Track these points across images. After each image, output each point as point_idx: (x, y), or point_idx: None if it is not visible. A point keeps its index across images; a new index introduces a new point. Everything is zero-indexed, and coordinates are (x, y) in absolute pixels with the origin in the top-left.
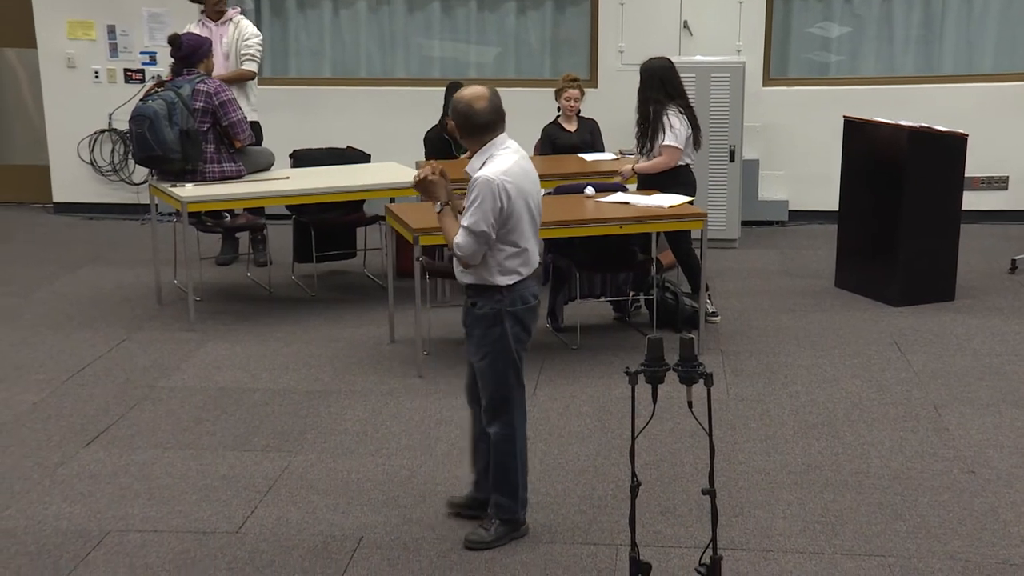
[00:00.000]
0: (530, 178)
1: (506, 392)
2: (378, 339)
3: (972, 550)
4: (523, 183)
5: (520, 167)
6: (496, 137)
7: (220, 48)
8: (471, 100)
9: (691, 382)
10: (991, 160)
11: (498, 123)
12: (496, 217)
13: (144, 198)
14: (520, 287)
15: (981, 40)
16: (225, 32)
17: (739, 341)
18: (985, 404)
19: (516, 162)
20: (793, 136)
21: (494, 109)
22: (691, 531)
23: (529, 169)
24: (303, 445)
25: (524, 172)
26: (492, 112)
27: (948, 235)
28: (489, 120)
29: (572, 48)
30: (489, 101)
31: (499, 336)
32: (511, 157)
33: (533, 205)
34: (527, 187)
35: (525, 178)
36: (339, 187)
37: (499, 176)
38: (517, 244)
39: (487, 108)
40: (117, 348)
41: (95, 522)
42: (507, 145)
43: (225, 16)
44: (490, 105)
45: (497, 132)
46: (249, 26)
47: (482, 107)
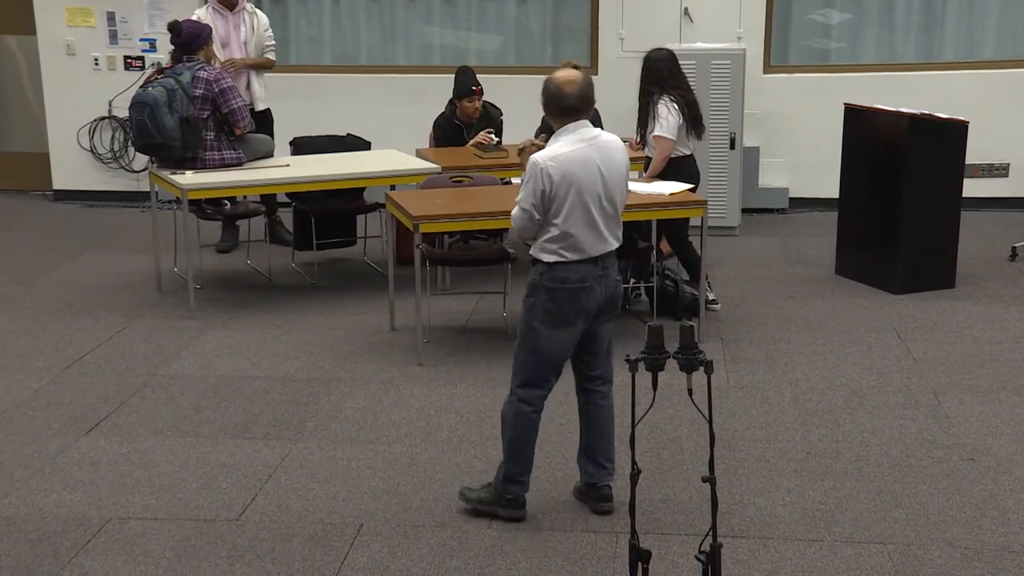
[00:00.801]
0: (588, 167)
1: (531, 364)
2: (378, 327)
3: (971, 537)
4: (573, 170)
5: (577, 155)
6: (573, 123)
7: (237, 37)
8: (561, 83)
9: (691, 370)
10: (992, 147)
11: (580, 110)
12: (538, 198)
13: (144, 185)
14: (562, 268)
15: (982, 27)
16: (241, 21)
17: (739, 329)
18: (985, 391)
19: (575, 150)
20: (794, 123)
21: (580, 96)
22: (691, 519)
23: (590, 158)
24: (303, 433)
25: (581, 160)
26: (575, 99)
27: (948, 223)
28: (570, 106)
29: (573, 35)
30: (578, 87)
31: (532, 306)
32: (573, 144)
33: (587, 194)
34: (579, 175)
35: (580, 166)
36: (339, 175)
37: (545, 161)
38: (560, 228)
39: (571, 93)
40: (117, 336)
41: (95, 510)
42: (578, 132)
43: (239, 5)
44: (577, 91)
45: (576, 118)
46: (264, 16)
47: (568, 91)
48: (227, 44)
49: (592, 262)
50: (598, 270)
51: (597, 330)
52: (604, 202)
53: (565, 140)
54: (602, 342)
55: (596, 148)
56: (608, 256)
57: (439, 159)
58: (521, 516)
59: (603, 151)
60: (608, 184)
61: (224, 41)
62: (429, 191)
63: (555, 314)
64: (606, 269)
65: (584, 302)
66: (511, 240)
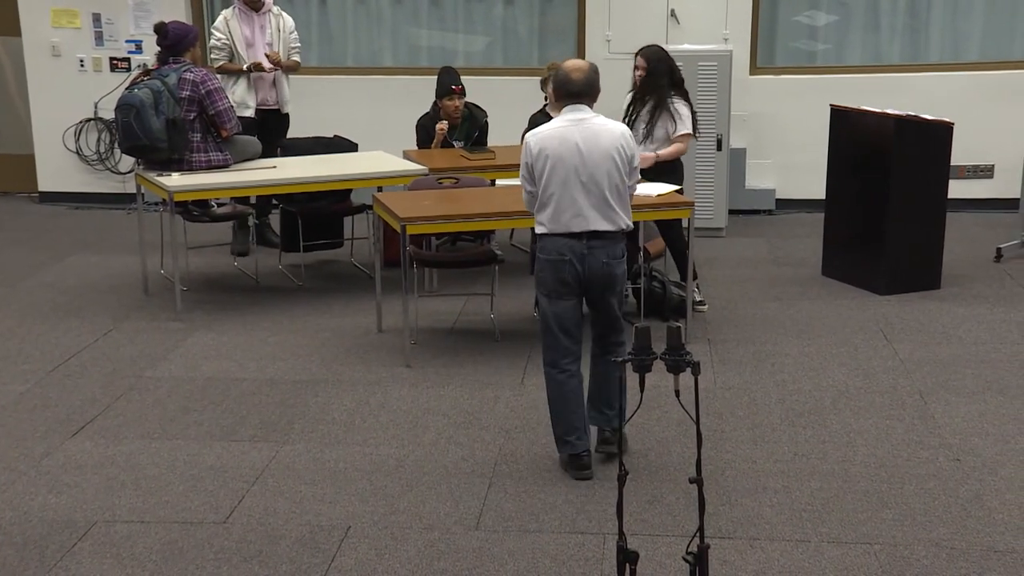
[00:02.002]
0: (566, 144)
1: (543, 331)
2: (366, 328)
3: (957, 537)
4: (550, 144)
5: (557, 132)
6: (571, 106)
7: (262, 38)
8: (569, 70)
9: (678, 371)
10: (977, 148)
11: (582, 95)
12: (527, 171)
13: (130, 187)
14: (548, 239)
15: (967, 29)
16: (267, 22)
17: (726, 330)
18: (970, 392)
19: (556, 127)
20: (780, 125)
21: (584, 82)
22: (678, 519)
23: (569, 136)
24: (290, 435)
25: (559, 136)
26: (579, 84)
27: (934, 223)
28: (573, 91)
29: (559, 36)
30: (584, 75)
31: (535, 277)
32: (557, 123)
33: (562, 168)
34: (555, 149)
35: (557, 141)
36: (327, 176)
37: (529, 136)
38: (540, 199)
39: (576, 80)
40: (103, 338)
41: (81, 513)
42: (569, 114)
43: (265, 7)
44: (582, 78)
45: (576, 102)
46: (289, 18)
47: (574, 78)
48: (252, 45)
49: (574, 237)
50: (581, 246)
51: (599, 303)
52: (582, 177)
53: (555, 120)
54: (608, 312)
55: (580, 128)
56: (596, 235)
57: (426, 160)
58: (586, 475)
59: (587, 131)
60: (587, 162)
61: (249, 42)
62: (416, 192)
63: (543, 283)
64: (591, 248)
65: (563, 275)
66: (498, 241)
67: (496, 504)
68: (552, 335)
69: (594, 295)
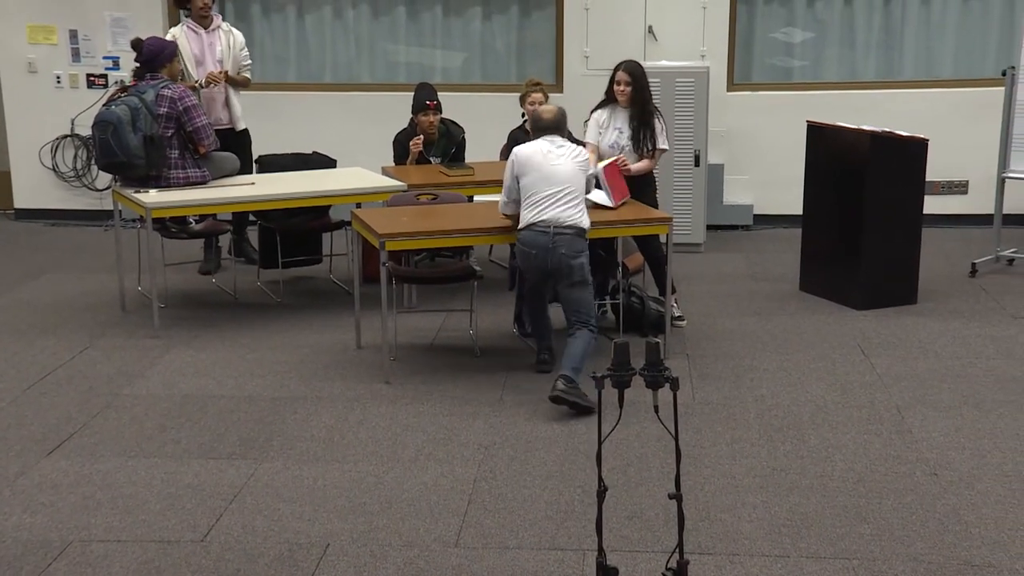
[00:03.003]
0: (540, 154)
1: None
2: (344, 345)
3: (935, 552)
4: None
5: (535, 147)
6: (548, 136)
7: (212, 55)
8: (542, 112)
9: (657, 386)
10: (951, 165)
11: (552, 130)
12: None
13: (107, 204)
14: (521, 232)
15: (940, 46)
16: (217, 40)
17: (705, 345)
18: (947, 407)
19: (535, 145)
20: (757, 141)
21: (552, 121)
22: (658, 535)
23: (534, 151)
24: (269, 452)
25: (537, 151)
26: (548, 122)
27: (910, 239)
28: (543, 126)
29: (537, 53)
30: (553, 115)
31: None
32: (536, 144)
33: (533, 174)
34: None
35: (534, 153)
36: (305, 192)
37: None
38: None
39: (547, 119)
40: (80, 355)
41: (57, 532)
42: (545, 138)
43: (214, 23)
44: (551, 118)
45: (550, 134)
46: (240, 34)
47: (545, 118)
48: (202, 62)
49: (535, 231)
50: (546, 240)
51: (562, 294)
52: (543, 182)
53: (534, 140)
54: (567, 303)
55: (553, 146)
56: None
57: (405, 177)
58: (545, 369)
59: (557, 149)
60: (544, 166)
61: (199, 59)
62: (395, 209)
63: (525, 270)
64: (556, 242)
65: (526, 264)
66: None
67: (476, 521)
68: (526, 304)
69: (562, 285)
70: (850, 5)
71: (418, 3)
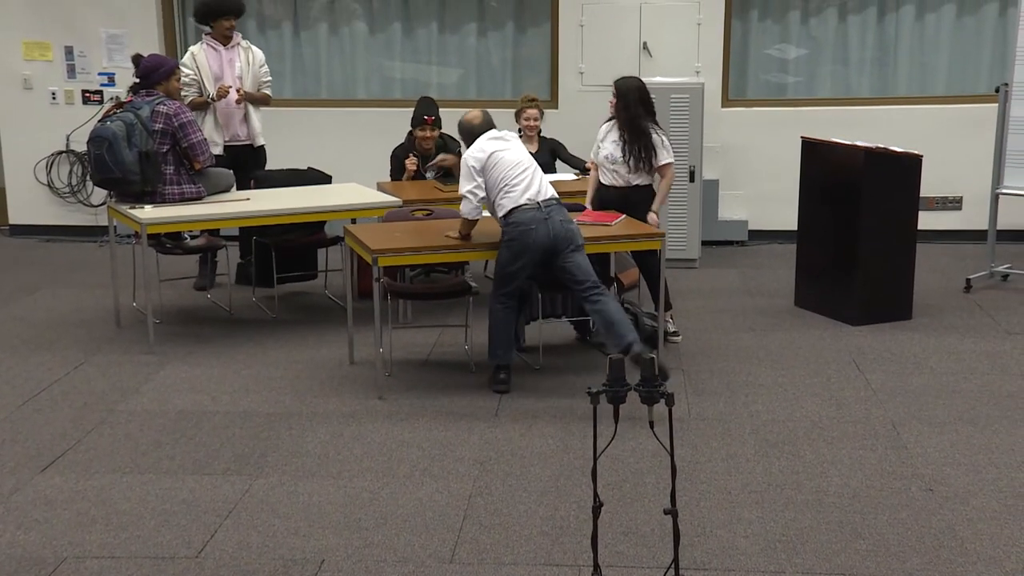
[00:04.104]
0: (496, 147)
1: None
2: (339, 361)
3: (930, 568)
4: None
5: (485, 143)
6: (485, 132)
7: (232, 72)
8: (470, 118)
9: (653, 402)
10: (945, 180)
11: (488, 127)
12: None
13: (102, 220)
14: (510, 216)
15: (934, 63)
16: (236, 56)
17: (700, 360)
18: (942, 422)
19: (486, 142)
20: (752, 156)
21: (485, 121)
22: (654, 551)
23: (489, 146)
24: (264, 468)
25: (491, 145)
26: (483, 124)
27: (904, 255)
28: (480, 129)
29: (533, 69)
30: (482, 117)
31: None
32: (488, 139)
33: (498, 165)
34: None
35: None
36: (300, 208)
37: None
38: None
39: (481, 122)
40: (75, 371)
41: (51, 549)
42: (489, 133)
43: (234, 40)
44: (483, 119)
45: (486, 131)
46: (259, 51)
47: (476, 123)
48: (220, 79)
49: (530, 209)
50: (541, 214)
51: (566, 265)
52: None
53: (482, 138)
54: (574, 271)
55: (500, 137)
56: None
57: (400, 192)
58: (503, 389)
59: (505, 138)
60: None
61: (217, 76)
62: (388, 224)
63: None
64: (550, 212)
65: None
66: (473, 273)
67: (471, 536)
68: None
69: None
70: (844, 22)
71: (414, 19)
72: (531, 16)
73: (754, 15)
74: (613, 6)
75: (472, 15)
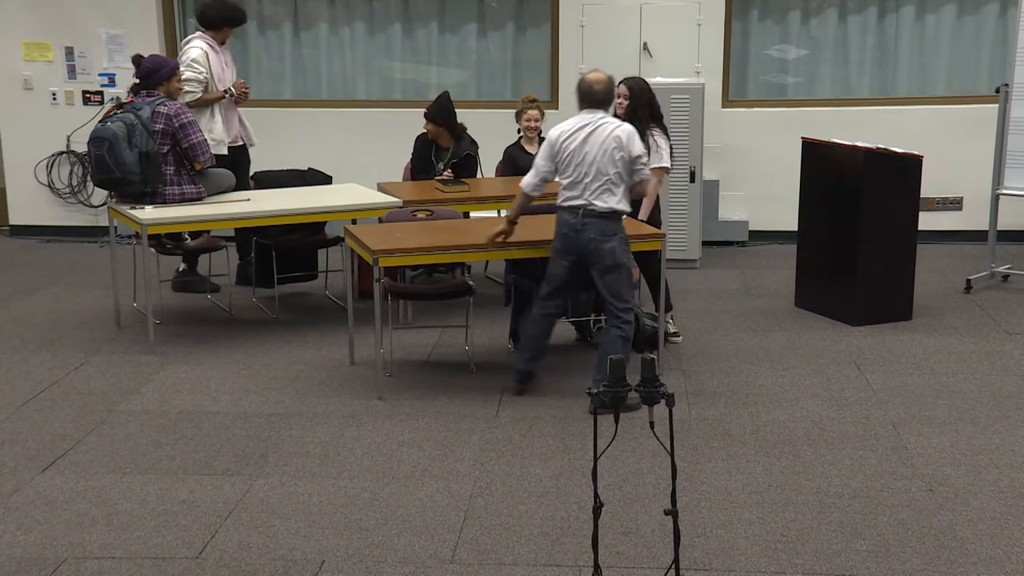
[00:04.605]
0: (573, 136)
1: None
2: (339, 361)
3: (931, 568)
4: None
5: (572, 124)
6: (590, 111)
7: (230, 72)
8: (591, 81)
9: (653, 402)
10: (945, 181)
11: (599, 103)
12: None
13: (103, 220)
14: (557, 211)
15: (933, 63)
16: (228, 57)
17: (700, 361)
18: (942, 422)
19: (574, 124)
20: (752, 157)
21: (603, 91)
22: (654, 552)
23: (572, 129)
24: (264, 468)
25: (572, 128)
26: (599, 93)
27: (905, 255)
28: (593, 99)
29: (533, 69)
30: (602, 86)
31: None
32: (574, 122)
33: (566, 156)
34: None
35: (564, 137)
36: (300, 209)
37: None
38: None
39: (597, 90)
40: (75, 372)
41: (51, 550)
42: (583, 116)
43: (226, 42)
44: (602, 88)
45: (592, 107)
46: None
47: (596, 88)
48: (222, 79)
49: (570, 212)
50: (577, 222)
51: (596, 281)
52: (576, 162)
53: (573, 119)
54: (600, 290)
55: (584, 131)
56: (586, 212)
57: (401, 193)
58: (518, 389)
59: (590, 133)
60: (579, 147)
61: (219, 76)
62: (388, 225)
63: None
64: (585, 225)
65: (558, 243)
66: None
67: (471, 537)
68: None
69: (593, 268)
70: (844, 22)
71: (414, 20)
72: (531, 16)
73: (754, 15)
74: (613, 7)
75: (472, 15)
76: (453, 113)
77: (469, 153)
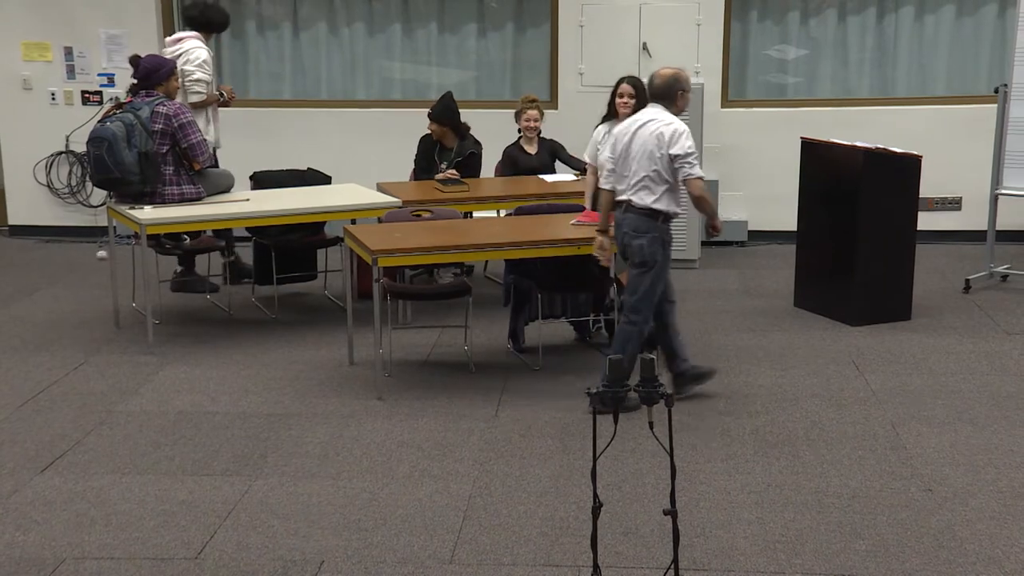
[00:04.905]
0: (627, 131)
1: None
2: (338, 361)
3: (930, 568)
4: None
5: (625, 124)
6: (650, 107)
7: (217, 71)
8: (653, 74)
9: (652, 402)
10: (944, 181)
11: (659, 97)
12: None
13: (102, 220)
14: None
15: (933, 64)
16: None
17: (700, 361)
18: (941, 422)
19: (625, 124)
20: (752, 157)
21: (662, 86)
22: (653, 552)
23: (629, 124)
24: (263, 469)
25: (624, 128)
26: (649, 87)
27: (904, 255)
28: (652, 93)
29: (533, 70)
30: (662, 80)
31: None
32: (627, 122)
33: (617, 150)
34: (618, 137)
35: (621, 131)
36: (300, 209)
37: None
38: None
39: (650, 83)
40: (74, 372)
41: (50, 550)
42: (639, 114)
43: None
44: (660, 83)
45: (655, 103)
46: None
47: (651, 82)
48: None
49: (618, 206)
50: (620, 217)
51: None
52: (624, 156)
53: (638, 113)
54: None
55: (636, 126)
56: (627, 208)
57: (400, 193)
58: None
59: (639, 129)
60: (627, 141)
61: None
62: (388, 225)
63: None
64: (624, 220)
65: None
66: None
67: (470, 537)
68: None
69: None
70: (843, 22)
71: (413, 20)
72: (531, 17)
73: (754, 16)
74: (613, 6)
75: (472, 16)
76: (457, 113)
77: (473, 152)
